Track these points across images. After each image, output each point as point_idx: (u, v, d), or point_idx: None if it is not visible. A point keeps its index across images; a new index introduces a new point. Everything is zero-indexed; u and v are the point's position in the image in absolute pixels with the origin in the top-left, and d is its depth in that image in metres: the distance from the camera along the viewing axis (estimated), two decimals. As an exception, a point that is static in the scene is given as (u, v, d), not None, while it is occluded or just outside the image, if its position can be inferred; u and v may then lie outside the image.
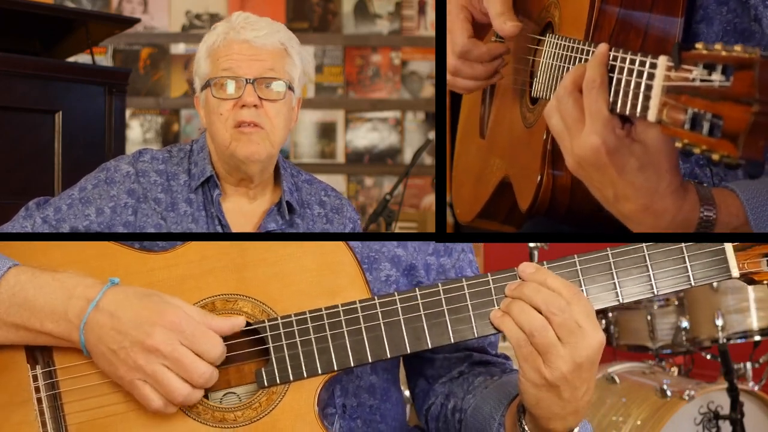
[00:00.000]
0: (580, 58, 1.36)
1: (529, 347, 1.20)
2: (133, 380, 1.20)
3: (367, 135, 5.03)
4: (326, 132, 5.01)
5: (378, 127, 5.02)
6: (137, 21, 3.24)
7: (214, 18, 4.95)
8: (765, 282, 1.26)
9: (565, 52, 1.42)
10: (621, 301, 1.26)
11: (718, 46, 1.04)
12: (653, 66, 1.13)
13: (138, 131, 4.92)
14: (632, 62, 1.18)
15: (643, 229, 1.23)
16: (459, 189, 1.75)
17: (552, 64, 1.46)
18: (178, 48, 4.95)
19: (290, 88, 1.63)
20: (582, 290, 1.25)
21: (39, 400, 1.25)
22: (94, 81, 2.86)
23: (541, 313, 1.20)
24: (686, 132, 1.06)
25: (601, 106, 1.20)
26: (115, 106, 2.89)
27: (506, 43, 1.57)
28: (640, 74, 1.16)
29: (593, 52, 1.29)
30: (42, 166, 2.75)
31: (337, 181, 4.98)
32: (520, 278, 1.25)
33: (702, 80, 1.04)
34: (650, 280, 1.26)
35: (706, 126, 1.03)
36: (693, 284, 1.26)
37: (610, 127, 1.19)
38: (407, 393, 1.64)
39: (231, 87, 1.60)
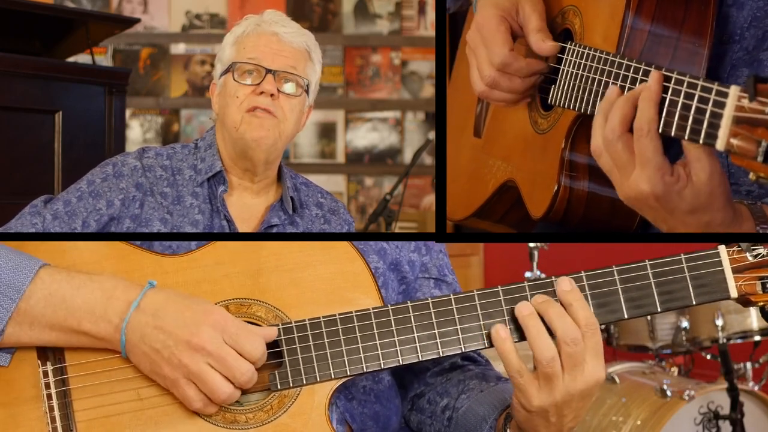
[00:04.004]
0: (617, 73, 1.32)
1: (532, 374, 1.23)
2: (177, 379, 1.21)
3: (367, 135, 5.03)
4: (326, 132, 5.01)
5: (378, 127, 5.02)
6: (137, 21, 3.25)
7: (214, 18, 4.96)
8: (760, 303, 1.27)
9: (594, 64, 1.39)
10: (625, 317, 1.27)
11: None
12: (720, 94, 1.10)
13: (138, 131, 4.92)
14: (692, 86, 1.15)
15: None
16: (448, 185, 1.75)
17: (577, 74, 1.43)
18: (178, 48, 4.95)
19: (306, 90, 1.69)
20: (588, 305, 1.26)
21: (49, 397, 1.25)
22: (94, 81, 2.86)
23: (554, 337, 1.21)
24: (759, 164, 1.04)
25: (651, 155, 1.18)
26: (115, 106, 2.90)
27: (544, 61, 1.52)
28: (703, 100, 1.13)
29: (632, 67, 1.27)
30: (42, 166, 2.76)
31: (337, 181, 4.98)
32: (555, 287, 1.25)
33: None
34: (653, 297, 1.27)
35: None
36: (694, 303, 1.27)
37: (659, 175, 1.18)
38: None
39: (253, 74, 1.65)
